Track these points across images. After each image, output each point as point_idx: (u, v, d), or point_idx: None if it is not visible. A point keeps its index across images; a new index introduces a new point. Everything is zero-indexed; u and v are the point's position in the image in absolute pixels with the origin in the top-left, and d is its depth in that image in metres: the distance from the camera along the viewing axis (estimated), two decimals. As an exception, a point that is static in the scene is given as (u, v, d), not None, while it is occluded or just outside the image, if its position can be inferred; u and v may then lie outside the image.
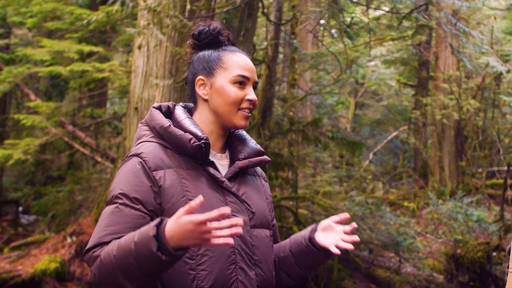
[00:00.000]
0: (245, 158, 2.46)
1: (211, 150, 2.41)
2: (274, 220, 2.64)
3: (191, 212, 1.93)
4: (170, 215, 2.15)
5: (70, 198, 11.43)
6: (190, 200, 2.21)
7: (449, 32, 8.11)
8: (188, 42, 2.53)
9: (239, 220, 1.94)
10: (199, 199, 1.91)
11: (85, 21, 8.71)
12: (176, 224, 1.93)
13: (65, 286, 8.73)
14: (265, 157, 2.51)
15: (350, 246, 2.40)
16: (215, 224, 1.92)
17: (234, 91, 2.37)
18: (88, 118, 12.83)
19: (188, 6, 7.76)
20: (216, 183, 2.32)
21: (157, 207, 2.21)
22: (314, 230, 2.51)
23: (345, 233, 2.47)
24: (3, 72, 10.57)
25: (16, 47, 13.52)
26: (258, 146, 2.53)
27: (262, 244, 2.40)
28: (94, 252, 2.11)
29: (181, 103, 2.52)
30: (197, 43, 2.49)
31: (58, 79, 13.89)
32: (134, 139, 2.43)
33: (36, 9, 10.65)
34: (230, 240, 1.93)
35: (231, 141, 2.53)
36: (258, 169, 2.65)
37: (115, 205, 2.19)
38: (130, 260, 1.98)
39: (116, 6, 7.81)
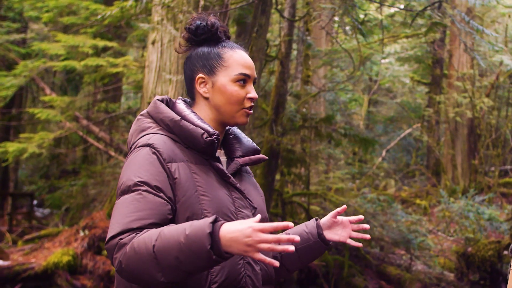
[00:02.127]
0: (242, 156, 2.46)
1: None
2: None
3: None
4: (184, 209, 2.17)
5: (83, 192, 11.51)
6: (202, 195, 2.20)
7: (462, 30, 8.10)
8: (182, 35, 2.47)
9: (296, 237, 1.89)
10: (258, 217, 1.93)
11: (99, 16, 8.75)
12: (235, 226, 1.90)
13: (77, 279, 8.79)
14: (263, 155, 2.51)
15: (364, 238, 2.56)
16: (273, 236, 1.89)
17: (236, 90, 2.36)
18: (102, 113, 12.89)
19: (202, 2, 7.79)
20: (222, 179, 2.33)
21: (173, 198, 2.18)
22: (319, 227, 2.54)
23: (351, 222, 2.56)
24: (19, 66, 10.66)
25: (32, 41, 13.63)
26: (254, 144, 2.53)
27: None
28: (121, 239, 2.03)
29: (180, 97, 2.49)
30: (194, 38, 2.44)
31: (73, 73, 13.97)
32: (135, 132, 2.38)
33: (52, 4, 10.72)
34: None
35: (226, 139, 2.53)
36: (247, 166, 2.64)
37: (137, 192, 2.12)
38: (175, 252, 1.93)
39: (131, 2, 7.85)
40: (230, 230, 1.90)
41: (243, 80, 2.38)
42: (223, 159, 2.46)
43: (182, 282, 2.09)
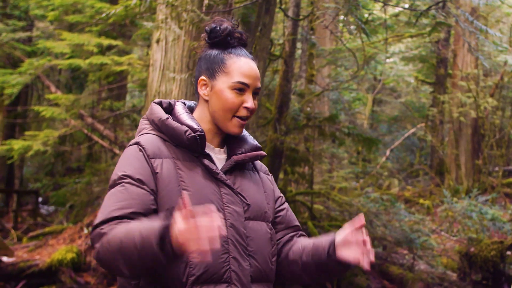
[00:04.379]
0: (241, 153, 2.49)
1: (209, 144, 2.46)
2: (285, 205, 2.64)
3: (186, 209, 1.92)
4: (164, 203, 2.23)
5: (87, 190, 11.55)
6: (184, 189, 2.25)
7: (466, 30, 8.10)
8: (202, 35, 2.53)
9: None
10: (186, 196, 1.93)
11: (104, 15, 8.78)
12: (180, 222, 1.92)
13: (81, 276, 8.83)
14: (261, 152, 2.54)
15: (371, 259, 2.27)
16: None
17: (231, 98, 2.39)
18: (107, 111, 12.93)
19: (206, 1, 7.81)
20: (211, 175, 2.36)
21: (156, 191, 2.25)
22: (333, 244, 2.37)
23: (364, 243, 2.29)
24: (24, 64, 10.71)
25: (37, 39, 13.67)
26: (256, 142, 2.56)
27: (257, 236, 2.40)
28: (102, 229, 2.11)
29: (181, 100, 2.56)
30: (207, 41, 2.50)
31: (78, 71, 14.03)
32: (137, 133, 2.49)
33: (58, 2, 10.76)
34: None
35: (229, 138, 2.55)
36: (258, 163, 2.67)
37: (120, 185, 2.22)
38: (133, 249, 1.98)
39: (135, 0, 7.88)
40: (177, 228, 1.91)
41: (240, 88, 2.40)
42: (222, 156, 2.50)
43: (158, 274, 2.16)
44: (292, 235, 2.62)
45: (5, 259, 8.76)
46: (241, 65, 2.42)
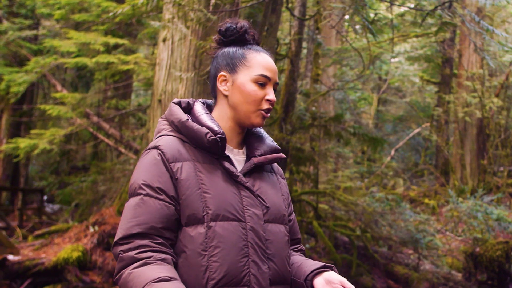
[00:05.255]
0: (261, 155, 2.49)
1: (228, 145, 2.46)
2: (293, 216, 2.65)
3: None
4: (185, 207, 2.25)
5: (93, 188, 11.56)
6: (205, 193, 2.27)
7: (472, 30, 8.09)
8: (214, 37, 2.55)
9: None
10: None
11: (111, 14, 8.79)
12: None
13: (86, 275, 8.81)
14: (281, 154, 2.54)
15: None
16: None
17: (254, 90, 2.40)
18: (112, 110, 12.95)
19: (213, 0, 7.81)
20: (231, 178, 2.36)
21: (176, 196, 2.26)
22: (315, 274, 2.40)
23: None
24: (30, 62, 10.73)
25: (44, 38, 13.70)
26: (275, 144, 2.56)
27: (276, 239, 2.41)
28: (122, 251, 2.19)
29: (200, 99, 2.56)
30: (223, 39, 2.52)
31: (84, 70, 14.05)
32: (154, 133, 2.48)
33: (64, 1, 10.79)
34: None
35: (248, 138, 2.56)
36: (275, 166, 2.67)
37: (139, 196, 2.25)
38: None
39: None
40: None
41: (263, 81, 2.42)
42: (241, 158, 2.50)
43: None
44: (293, 248, 2.64)
45: (10, 257, 8.76)
46: (262, 59, 2.45)
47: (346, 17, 10.28)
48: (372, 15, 11.24)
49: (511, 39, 13.56)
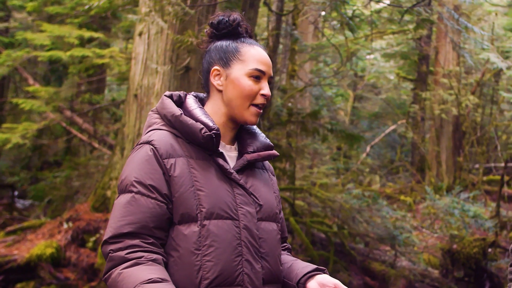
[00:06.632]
0: (253, 152, 2.44)
1: (220, 141, 2.39)
2: (282, 214, 2.61)
3: None
4: (178, 204, 2.19)
5: (67, 184, 11.42)
6: (198, 190, 2.22)
7: (450, 27, 8.09)
8: (205, 30, 2.50)
9: None
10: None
11: (86, 7, 8.66)
12: None
13: (60, 271, 8.72)
14: (274, 151, 2.50)
15: None
16: None
17: (249, 84, 2.35)
18: (86, 104, 12.81)
19: (191, -6, 7.71)
20: (224, 175, 2.31)
21: (169, 194, 2.21)
22: (308, 277, 2.38)
23: None
24: (2, 55, 10.53)
25: (15, 30, 13.48)
26: (268, 141, 2.51)
27: (269, 238, 2.38)
28: (112, 251, 2.13)
29: (193, 93, 2.50)
30: (215, 33, 2.46)
31: (57, 64, 13.85)
32: (144, 127, 2.41)
33: (37, -7, 10.62)
34: None
35: (241, 134, 2.51)
36: (267, 163, 2.63)
37: (130, 194, 2.19)
38: None
39: (119, -8, 7.77)
40: None
41: (257, 75, 2.37)
42: (233, 154, 2.45)
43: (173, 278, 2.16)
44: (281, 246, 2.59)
45: (-18, 254, 8.62)
46: (256, 53, 2.40)
47: (322, 13, 10.24)
48: (349, 11, 11.22)
49: (488, 37, 13.64)
